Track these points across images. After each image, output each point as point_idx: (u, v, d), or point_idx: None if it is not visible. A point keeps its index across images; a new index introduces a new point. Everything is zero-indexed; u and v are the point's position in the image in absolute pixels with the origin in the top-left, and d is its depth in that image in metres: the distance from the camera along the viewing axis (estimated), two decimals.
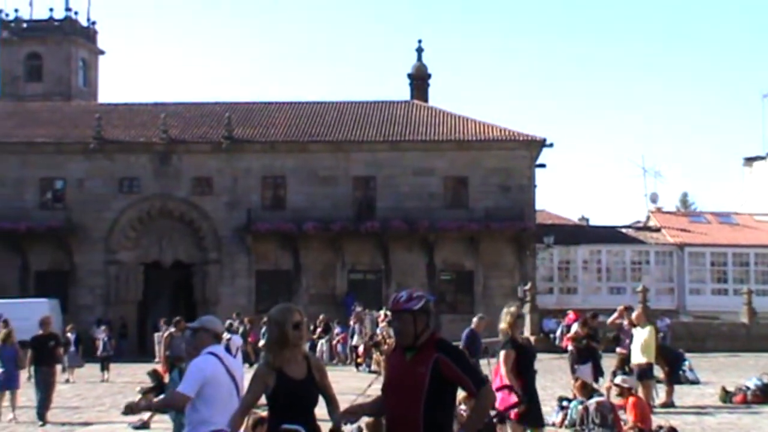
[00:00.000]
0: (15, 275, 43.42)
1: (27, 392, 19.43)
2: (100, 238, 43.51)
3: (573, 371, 18.74)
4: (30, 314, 29.23)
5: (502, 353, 10.76)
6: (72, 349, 28.69)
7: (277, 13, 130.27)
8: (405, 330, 6.18)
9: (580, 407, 15.20)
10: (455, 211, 43.14)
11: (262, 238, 43.18)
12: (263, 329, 34.85)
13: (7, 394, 18.43)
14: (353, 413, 6.43)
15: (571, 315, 30.70)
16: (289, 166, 43.90)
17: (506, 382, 10.61)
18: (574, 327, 20.24)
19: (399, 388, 6.15)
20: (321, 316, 36.57)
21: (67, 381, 27.35)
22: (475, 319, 18.34)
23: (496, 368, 11.13)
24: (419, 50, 51.37)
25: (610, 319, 20.70)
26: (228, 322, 28.30)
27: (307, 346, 6.72)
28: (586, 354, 18.37)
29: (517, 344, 10.75)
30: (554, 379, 23.71)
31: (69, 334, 29.20)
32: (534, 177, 44.35)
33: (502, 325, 10.94)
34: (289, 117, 47.07)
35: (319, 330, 35.15)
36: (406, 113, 47.21)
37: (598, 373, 18.22)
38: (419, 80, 50.83)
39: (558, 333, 34.09)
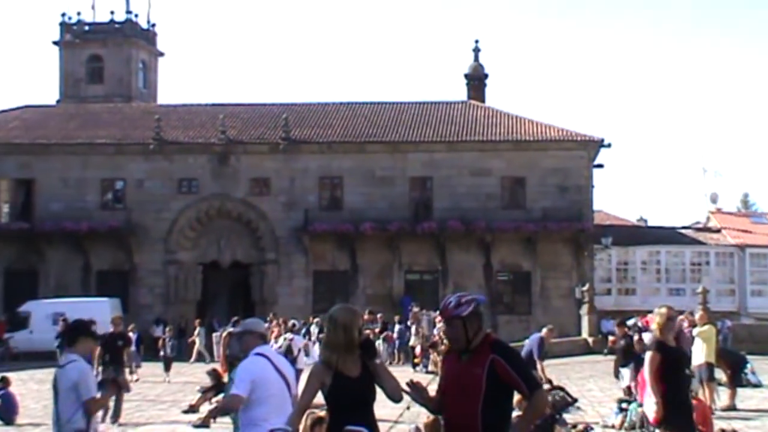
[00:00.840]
0: (77, 275, 44.01)
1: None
2: (160, 238, 43.94)
3: (617, 374, 18.70)
4: (92, 313, 29.54)
5: (647, 355, 10.24)
6: (133, 348, 29.01)
7: (333, 14, 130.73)
8: (456, 336, 6.21)
9: (639, 409, 15.05)
10: (512, 212, 42.93)
11: (319, 239, 43.33)
12: (311, 326, 35.13)
13: None
14: (416, 389, 6.36)
15: (647, 316, 30.27)
16: (346, 167, 43.99)
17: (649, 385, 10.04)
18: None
19: (456, 389, 6.15)
20: (379, 315, 36.69)
21: (135, 380, 27.45)
22: (545, 330, 18.53)
23: (641, 372, 10.77)
24: (476, 50, 51.25)
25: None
26: (291, 322, 28.41)
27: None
28: (628, 356, 18.18)
29: (665, 348, 10.09)
30: (613, 381, 23.49)
31: (131, 334, 29.49)
32: (591, 177, 43.99)
33: (653, 326, 10.63)
34: (347, 118, 47.18)
35: (377, 329, 35.17)
36: (463, 113, 47.10)
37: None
38: (476, 80, 50.69)
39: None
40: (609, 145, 43.67)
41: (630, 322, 24.05)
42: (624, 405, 16.41)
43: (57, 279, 43.88)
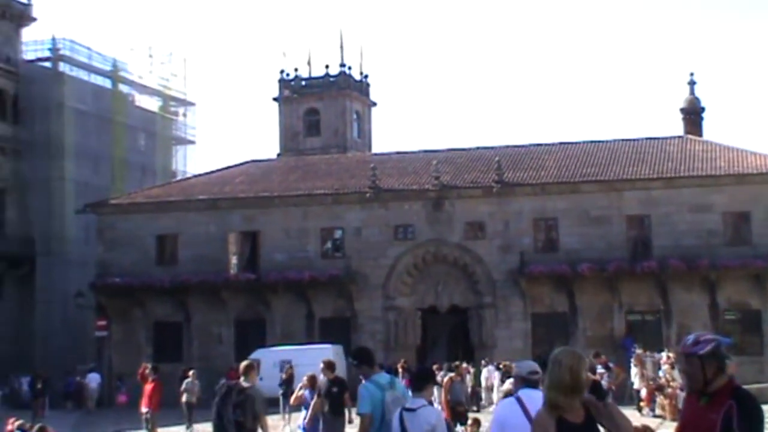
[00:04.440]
0: (301, 322, 45.35)
1: None
2: (378, 284, 44.76)
3: None
4: (316, 359, 30.30)
5: None
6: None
7: (542, 56, 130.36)
8: (692, 374, 6.04)
9: None
10: (737, 248, 41.35)
11: (536, 281, 43.06)
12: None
13: None
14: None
15: None
16: (561, 208, 43.63)
17: None
18: None
19: None
20: (602, 357, 35.97)
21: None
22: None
23: None
24: (691, 83, 50.00)
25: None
26: (515, 369, 28.10)
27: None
28: None
29: None
30: None
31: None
32: None
33: None
34: (560, 158, 46.85)
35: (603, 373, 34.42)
36: (680, 148, 45.91)
37: None
38: (692, 114, 49.41)
39: None
40: None
41: None
42: None
43: (283, 327, 45.37)
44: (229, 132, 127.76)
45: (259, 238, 46.47)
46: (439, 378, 33.76)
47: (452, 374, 24.78)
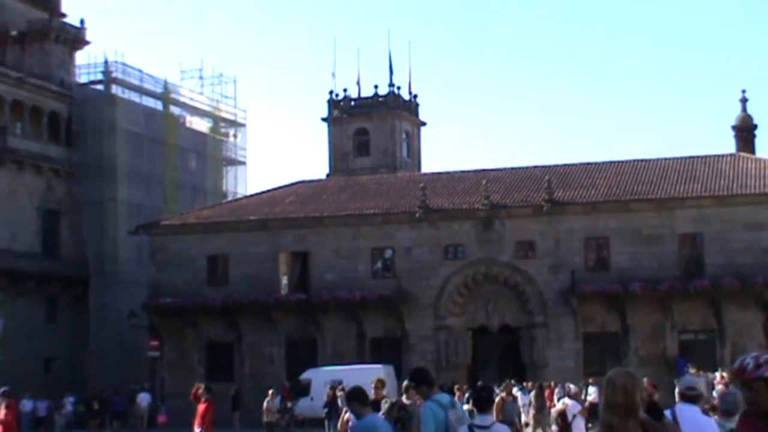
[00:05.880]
0: (352, 342, 45.42)
1: None
2: (429, 304, 44.72)
3: None
4: (367, 379, 30.31)
5: None
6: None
7: (593, 73, 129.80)
8: (758, 400, 5.91)
9: None
10: None
11: (587, 300, 42.80)
12: (590, 391, 34.58)
13: None
14: None
15: None
16: (612, 226, 43.35)
17: None
18: None
19: None
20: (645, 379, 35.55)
21: None
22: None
23: None
24: (743, 100, 49.54)
25: None
26: (568, 386, 27.60)
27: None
28: None
29: None
30: None
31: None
32: None
33: None
34: (610, 176, 46.59)
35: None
36: (733, 166, 45.45)
37: None
38: (745, 131, 48.93)
39: None
40: None
41: None
42: None
43: (334, 346, 45.47)
44: (278, 152, 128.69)
45: (310, 258, 46.66)
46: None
47: (503, 394, 24.66)
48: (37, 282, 51.81)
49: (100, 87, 57.95)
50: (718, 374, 31.96)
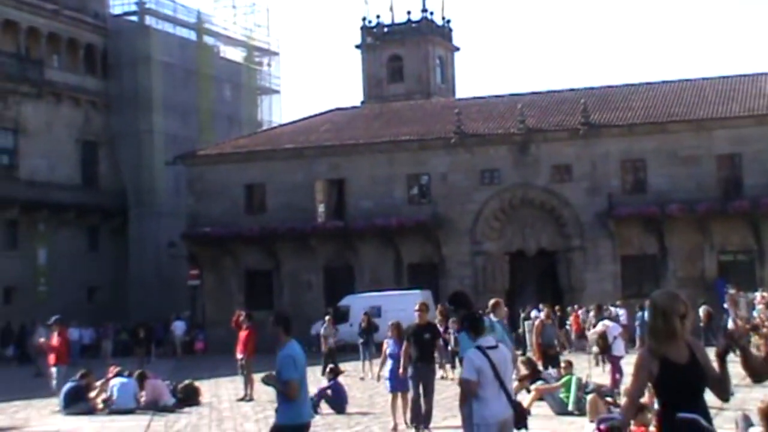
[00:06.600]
0: (390, 268, 45.69)
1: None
2: (466, 229, 44.80)
3: None
4: (405, 305, 30.55)
5: None
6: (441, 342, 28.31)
7: None
8: None
9: None
10: None
11: (624, 223, 42.70)
12: (638, 314, 34.69)
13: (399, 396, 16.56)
14: (732, 337, 6.23)
15: None
16: (649, 148, 43.04)
17: None
18: None
19: None
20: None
21: (442, 378, 23.64)
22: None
23: None
24: None
25: None
26: (610, 308, 27.52)
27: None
28: None
29: None
30: None
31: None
32: None
33: None
34: (647, 98, 46.15)
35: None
36: None
37: None
38: None
39: None
40: None
41: None
42: None
43: (371, 273, 45.77)
44: (312, 80, 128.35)
45: (346, 185, 46.80)
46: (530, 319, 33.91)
47: (543, 317, 24.78)
48: (78, 213, 52.39)
49: (134, 18, 57.88)
50: (758, 294, 31.88)
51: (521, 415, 9.79)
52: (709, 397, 6.45)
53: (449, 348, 24.36)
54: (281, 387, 9.37)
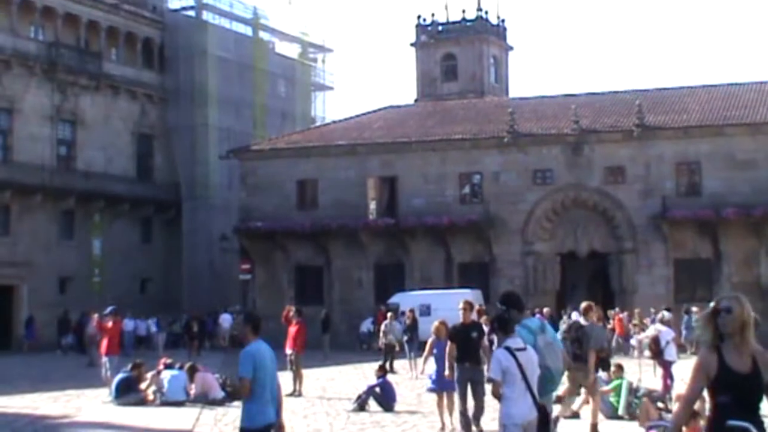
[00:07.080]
0: (440, 267, 45.62)
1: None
2: (517, 229, 44.62)
3: None
4: (455, 304, 30.36)
5: None
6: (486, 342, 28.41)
7: None
8: None
9: None
10: None
11: (678, 226, 42.28)
12: (684, 318, 34.39)
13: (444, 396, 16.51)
14: None
15: None
16: (704, 151, 42.59)
17: None
18: None
19: None
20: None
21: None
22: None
23: None
24: None
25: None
26: (661, 314, 26.83)
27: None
28: None
29: None
30: None
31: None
32: None
33: None
34: (703, 101, 45.68)
35: None
36: None
37: None
38: None
39: None
40: None
41: None
42: None
43: (421, 271, 45.74)
44: (366, 78, 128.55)
45: (398, 183, 46.80)
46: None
47: (594, 318, 24.53)
48: (132, 205, 52.96)
49: (191, 13, 58.42)
50: None
51: (545, 419, 9.84)
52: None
53: (493, 348, 24.17)
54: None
